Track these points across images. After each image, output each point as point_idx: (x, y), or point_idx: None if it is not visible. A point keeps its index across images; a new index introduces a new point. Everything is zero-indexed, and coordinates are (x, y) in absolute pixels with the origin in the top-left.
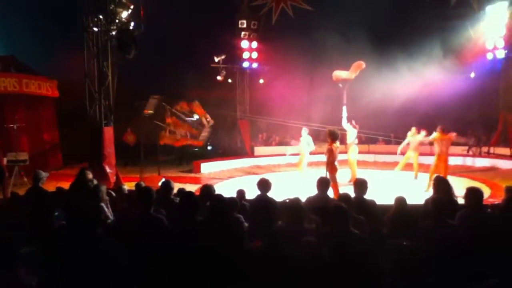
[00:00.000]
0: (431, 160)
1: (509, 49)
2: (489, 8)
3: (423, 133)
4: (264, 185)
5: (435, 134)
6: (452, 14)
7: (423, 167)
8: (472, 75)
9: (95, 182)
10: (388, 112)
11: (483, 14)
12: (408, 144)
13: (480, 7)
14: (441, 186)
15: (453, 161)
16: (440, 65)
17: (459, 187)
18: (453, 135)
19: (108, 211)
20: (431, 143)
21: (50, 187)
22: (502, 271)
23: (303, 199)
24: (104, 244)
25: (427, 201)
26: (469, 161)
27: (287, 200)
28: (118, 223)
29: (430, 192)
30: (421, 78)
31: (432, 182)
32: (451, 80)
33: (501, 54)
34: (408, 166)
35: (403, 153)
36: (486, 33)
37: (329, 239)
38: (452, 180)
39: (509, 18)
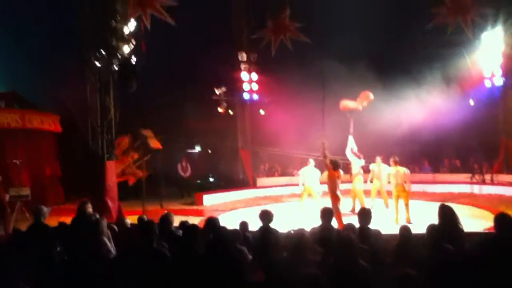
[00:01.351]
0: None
1: (506, 76)
2: (484, 36)
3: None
4: (266, 216)
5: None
6: (450, 41)
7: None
8: (471, 102)
9: (96, 216)
10: (389, 140)
11: (479, 41)
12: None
13: (475, 35)
14: (447, 215)
15: (456, 188)
16: (441, 93)
17: (464, 215)
18: (405, 171)
19: (110, 245)
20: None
21: (52, 222)
22: None
23: (309, 228)
24: (105, 279)
25: (429, 228)
26: (472, 189)
27: (292, 231)
28: (121, 257)
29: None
30: (422, 105)
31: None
32: (451, 108)
33: (499, 81)
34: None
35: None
36: (483, 60)
37: (332, 271)
38: (457, 208)
39: (505, 46)
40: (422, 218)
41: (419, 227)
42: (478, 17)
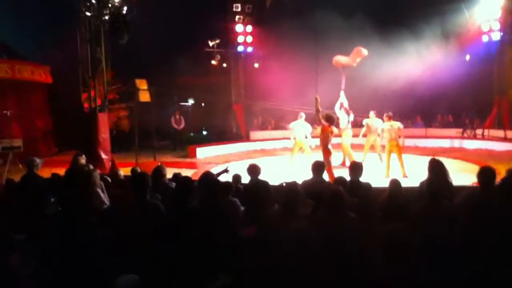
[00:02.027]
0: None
1: (504, 31)
2: None
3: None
4: (253, 170)
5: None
6: None
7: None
8: (467, 58)
9: (90, 167)
10: (384, 95)
11: None
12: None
13: None
14: (436, 169)
15: (448, 143)
16: (438, 48)
17: (453, 169)
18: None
19: (104, 196)
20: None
21: (45, 173)
22: (493, 255)
23: (301, 181)
24: (97, 231)
25: (422, 183)
26: (463, 144)
27: (284, 184)
28: (114, 209)
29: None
30: (418, 60)
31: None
32: (447, 63)
33: (496, 36)
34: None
35: (364, 137)
36: (481, 15)
37: (322, 224)
38: (447, 162)
39: (505, 0)
40: (414, 172)
41: (410, 181)
42: None
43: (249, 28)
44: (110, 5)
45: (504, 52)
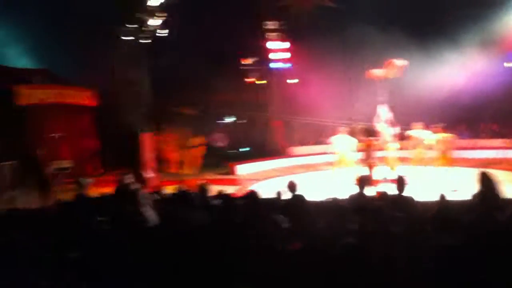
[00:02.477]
0: None
1: None
2: None
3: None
4: (292, 187)
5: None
6: (487, 1)
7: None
8: (507, 64)
9: (136, 186)
10: (427, 105)
11: None
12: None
13: None
14: (486, 181)
15: (494, 154)
16: (479, 56)
17: (504, 181)
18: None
19: (152, 214)
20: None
21: (93, 193)
22: None
23: (344, 197)
24: (144, 246)
25: (474, 196)
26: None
27: (327, 199)
28: (161, 226)
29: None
30: (460, 69)
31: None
32: (489, 71)
33: None
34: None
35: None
36: None
37: (370, 240)
38: (496, 174)
39: None
40: (463, 184)
41: (459, 194)
42: None
43: (286, 44)
44: (147, 28)
45: None
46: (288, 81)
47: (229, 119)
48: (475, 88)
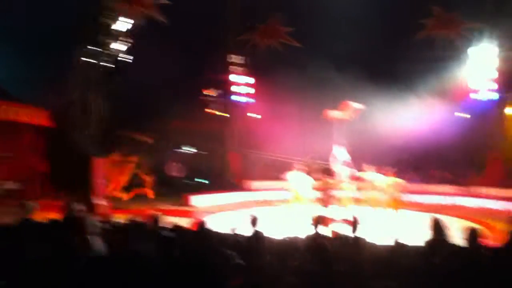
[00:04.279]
0: None
1: (500, 91)
2: (471, 50)
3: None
4: (253, 221)
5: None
6: (439, 55)
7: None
8: (460, 114)
9: (83, 213)
10: (379, 149)
11: (467, 56)
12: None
13: (464, 49)
14: (437, 228)
15: (444, 199)
16: (430, 105)
17: (454, 228)
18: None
19: (98, 244)
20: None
21: (39, 218)
22: None
23: (296, 234)
24: (86, 276)
25: (426, 243)
26: (459, 200)
27: (279, 237)
28: (109, 257)
29: None
30: (415, 115)
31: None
32: (439, 119)
33: (486, 95)
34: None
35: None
36: (470, 74)
37: (313, 279)
38: (447, 220)
39: (500, 62)
40: (411, 229)
41: (409, 239)
42: (466, 32)
43: (245, 78)
44: (106, 51)
45: (495, 109)
46: (249, 114)
47: (187, 149)
48: (427, 135)
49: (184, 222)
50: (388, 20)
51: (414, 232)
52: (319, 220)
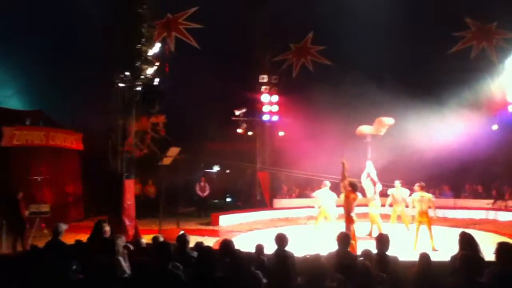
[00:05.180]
0: None
1: None
2: (508, 60)
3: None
4: (281, 240)
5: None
6: (474, 66)
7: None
8: (495, 127)
9: (113, 234)
10: (411, 164)
11: (503, 66)
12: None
13: (500, 60)
14: (467, 242)
15: (477, 215)
16: (464, 117)
17: (485, 242)
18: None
19: (125, 265)
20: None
21: (70, 239)
22: None
23: (324, 253)
24: None
25: (453, 258)
26: (494, 215)
27: (308, 256)
28: (135, 278)
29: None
30: (445, 129)
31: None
32: (474, 132)
33: None
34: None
35: (390, 207)
36: (507, 85)
37: None
38: (478, 235)
39: None
40: (443, 244)
41: (440, 254)
42: (502, 42)
43: (275, 97)
44: (143, 76)
45: None
46: (280, 133)
47: (215, 168)
48: (460, 149)
49: (211, 241)
50: (421, 32)
51: (445, 247)
52: (345, 238)
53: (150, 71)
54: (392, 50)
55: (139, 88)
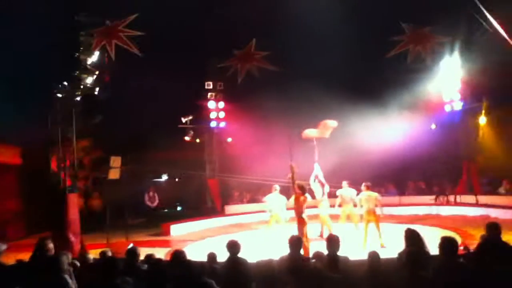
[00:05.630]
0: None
1: (465, 101)
2: (443, 62)
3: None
4: (233, 246)
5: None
6: (410, 69)
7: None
8: (433, 126)
9: (56, 252)
10: (355, 164)
11: (438, 68)
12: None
13: (435, 62)
14: (412, 238)
15: (422, 210)
16: (404, 118)
17: (430, 237)
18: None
19: (72, 283)
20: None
21: (11, 259)
22: None
23: (278, 257)
24: None
25: (400, 254)
26: (437, 210)
27: (260, 261)
28: None
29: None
30: (386, 130)
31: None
32: (414, 132)
33: (458, 106)
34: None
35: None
36: (442, 86)
37: None
38: (423, 230)
39: (463, 74)
40: (390, 241)
41: (388, 251)
42: (436, 45)
43: (221, 104)
44: (82, 86)
45: (467, 120)
46: (228, 140)
47: (164, 177)
48: (402, 148)
49: (162, 252)
50: (362, 37)
51: (392, 244)
52: (297, 241)
53: (89, 80)
54: (335, 55)
55: (78, 98)
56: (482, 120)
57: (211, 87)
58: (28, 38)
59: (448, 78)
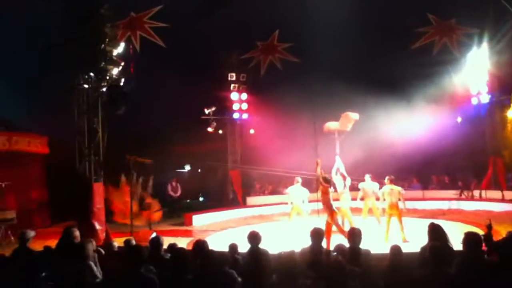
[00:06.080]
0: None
1: (492, 94)
2: (470, 54)
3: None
4: (254, 238)
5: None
6: (436, 61)
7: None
8: (459, 120)
9: (82, 239)
10: (379, 158)
11: (464, 60)
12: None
13: (461, 54)
14: (436, 233)
15: (445, 205)
16: (429, 111)
17: (453, 232)
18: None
19: (97, 270)
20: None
21: (38, 246)
22: None
23: (298, 249)
24: None
25: (423, 249)
26: (461, 205)
27: (282, 253)
28: (107, 283)
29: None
30: (411, 123)
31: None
32: (439, 125)
33: (485, 99)
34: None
35: (362, 200)
36: (469, 78)
37: None
38: (446, 225)
39: (491, 66)
40: (413, 235)
41: (411, 245)
42: (463, 37)
43: (244, 95)
44: (108, 77)
45: (494, 113)
46: (251, 131)
47: (186, 168)
48: (426, 142)
49: (185, 242)
50: (386, 29)
51: (415, 238)
52: (318, 233)
53: (115, 71)
54: (359, 46)
55: (104, 89)
56: (510, 113)
57: (234, 78)
58: (55, 30)
59: (475, 71)
